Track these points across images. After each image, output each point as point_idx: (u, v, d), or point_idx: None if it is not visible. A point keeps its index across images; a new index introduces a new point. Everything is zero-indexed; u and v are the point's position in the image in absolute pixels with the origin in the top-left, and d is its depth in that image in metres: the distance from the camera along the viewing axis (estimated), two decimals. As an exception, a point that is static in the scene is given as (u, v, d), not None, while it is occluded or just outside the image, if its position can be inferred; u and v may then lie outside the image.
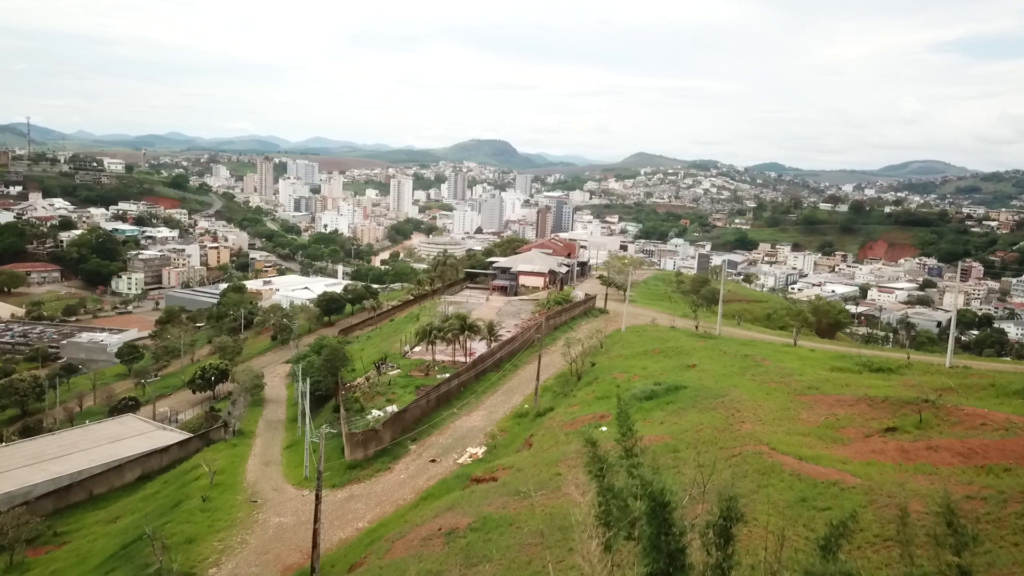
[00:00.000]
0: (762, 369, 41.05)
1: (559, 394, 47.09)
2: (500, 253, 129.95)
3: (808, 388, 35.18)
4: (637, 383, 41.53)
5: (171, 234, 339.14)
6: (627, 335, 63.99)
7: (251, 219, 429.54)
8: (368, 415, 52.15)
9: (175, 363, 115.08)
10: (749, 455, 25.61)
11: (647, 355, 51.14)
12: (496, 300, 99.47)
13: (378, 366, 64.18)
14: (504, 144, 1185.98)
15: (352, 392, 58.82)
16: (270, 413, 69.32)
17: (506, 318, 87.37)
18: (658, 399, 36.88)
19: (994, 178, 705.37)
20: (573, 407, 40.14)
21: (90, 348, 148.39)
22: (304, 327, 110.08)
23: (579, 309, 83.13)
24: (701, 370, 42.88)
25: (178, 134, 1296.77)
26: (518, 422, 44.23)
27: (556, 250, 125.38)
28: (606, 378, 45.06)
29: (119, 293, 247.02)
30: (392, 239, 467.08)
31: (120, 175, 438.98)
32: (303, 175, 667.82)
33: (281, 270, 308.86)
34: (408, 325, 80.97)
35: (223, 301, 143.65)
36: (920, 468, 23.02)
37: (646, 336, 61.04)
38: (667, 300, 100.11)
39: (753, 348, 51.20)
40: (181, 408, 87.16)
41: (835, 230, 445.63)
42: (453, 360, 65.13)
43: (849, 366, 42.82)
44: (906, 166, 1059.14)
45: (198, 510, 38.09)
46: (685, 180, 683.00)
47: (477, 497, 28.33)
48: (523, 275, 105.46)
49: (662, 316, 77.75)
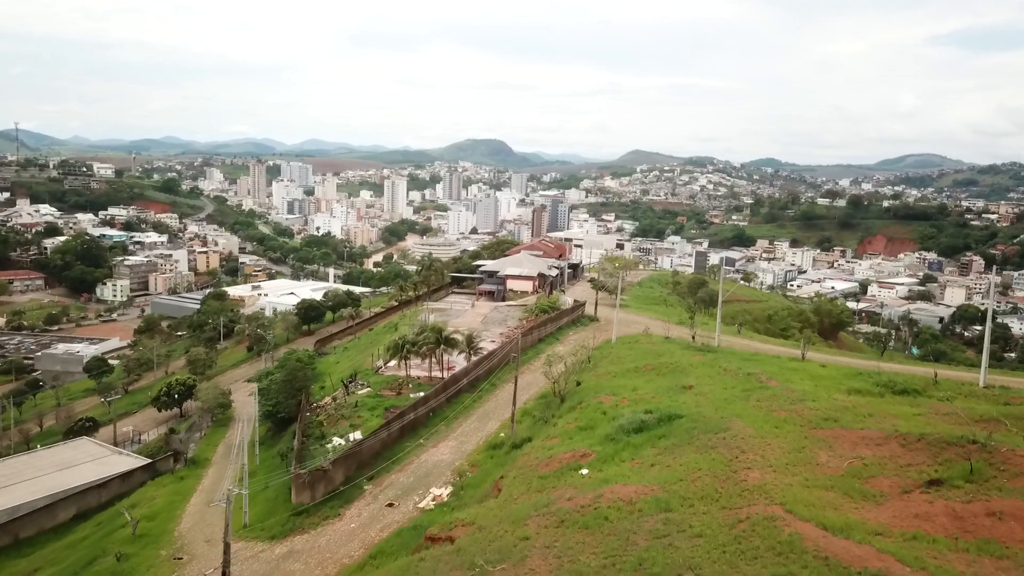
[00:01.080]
0: (768, 392, 35.52)
1: (539, 420, 41.61)
2: (488, 256, 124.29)
3: (824, 419, 29.66)
4: (626, 409, 36.11)
5: (160, 239, 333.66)
6: (617, 348, 58.52)
7: (243, 223, 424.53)
8: (329, 443, 46.76)
9: (148, 376, 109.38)
10: (759, 522, 20.21)
11: (638, 373, 45.69)
12: (482, 306, 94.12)
13: (346, 384, 58.76)
14: (500, 144, 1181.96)
15: (316, 415, 53.39)
16: (234, 435, 63.89)
17: (491, 326, 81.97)
18: (649, 431, 31.46)
19: (991, 171, 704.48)
20: (552, 440, 34.66)
21: (65, 360, 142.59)
22: (282, 337, 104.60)
23: (567, 318, 77.64)
24: (699, 393, 37.41)
25: (174, 138, 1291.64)
26: (491, 455, 38.84)
27: (546, 251, 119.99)
28: (591, 402, 39.62)
29: (104, 300, 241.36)
30: (386, 241, 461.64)
31: (110, 180, 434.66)
32: (297, 177, 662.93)
33: (271, 274, 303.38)
34: (386, 336, 75.55)
35: (203, 309, 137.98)
36: (985, 547, 17.69)
37: (638, 349, 55.55)
38: (663, 304, 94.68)
39: (757, 363, 45.65)
40: (146, 427, 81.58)
41: (834, 225, 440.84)
42: (430, 376, 59.71)
43: (868, 387, 37.30)
44: (903, 160, 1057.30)
45: (108, 573, 32.58)
46: (681, 177, 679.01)
47: (425, 570, 22.90)
48: (511, 279, 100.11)
49: (656, 323, 72.32)
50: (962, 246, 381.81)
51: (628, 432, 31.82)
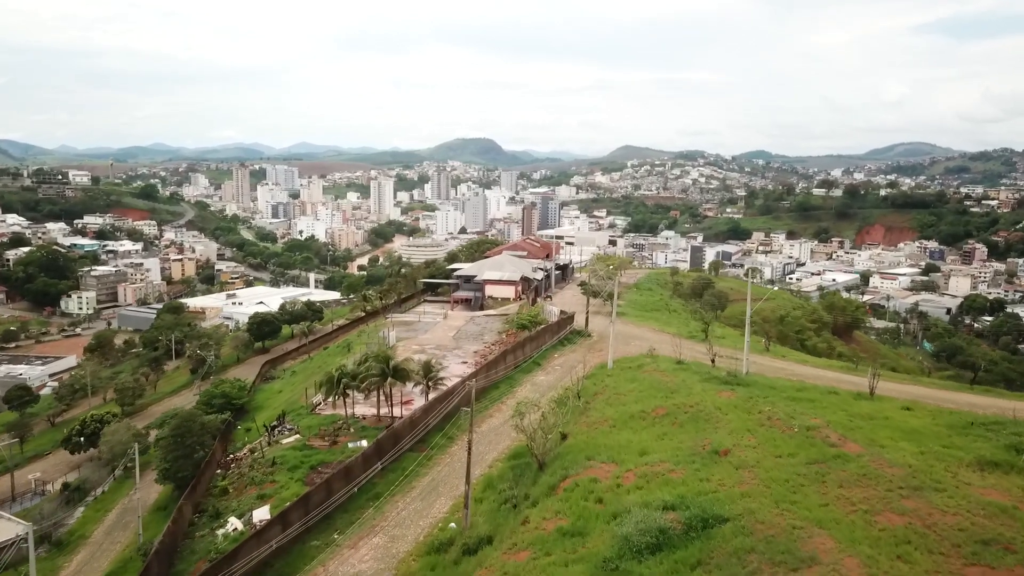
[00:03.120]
0: (854, 468, 22.88)
1: (506, 501, 28.96)
2: (466, 258, 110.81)
3: (980, 541, 17.26)
4: (632, 495, 23.73)
5: (134, 247, 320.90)
6: (616, 376, 45.75)
7: (224, 228, 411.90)
8: (225, 524, 34.18)
9: (84, 404, 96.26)
10: None
11: (646, 421, 33.16)
12: (457, 316, 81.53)
13: (270, 429, 46.15)
14: (490, 142, 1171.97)
15: (222, 476, 40.77)
16: (141, 491, 51.05)
17: (465, 342, 69.32)
18: (673, 553, 19.12)
19: (983, 157, 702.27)
20: (519, 555, 22.16)
21: (5, 384, 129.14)
22: (231, 356, 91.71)
23: (551, 336, 63.13)
24: (740, 464, 24.94)
25: (162, 145, 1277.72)
26: (433, 565, 26.42)
27: (531, 252, 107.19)
28: (581, 475, 27.16)
29: (69, 314, 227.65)
30: (372, 243, 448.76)
31: (86, 188, 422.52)
32: (282, 181, 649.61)
33: (249, 281, 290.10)
34: (338, 358, 62.76)
35: (157, 324, 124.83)
36: None
37: (643, 380, 42.52)
38: (664, 310, 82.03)
39: (810, 406, 32.81)
40: (57, 473, 68.71)
41: (830, 216, 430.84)
42: (377, 415, 47.07)
43: (1001, 452, 24.65)
44: (892, 149, 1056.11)
45: None
46: (673, 171, 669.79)
47: None
48: (490, 284, 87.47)
49: (662, 338, 59.37)
50: (963, 234, 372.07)
51: (639, 552, 19.38)
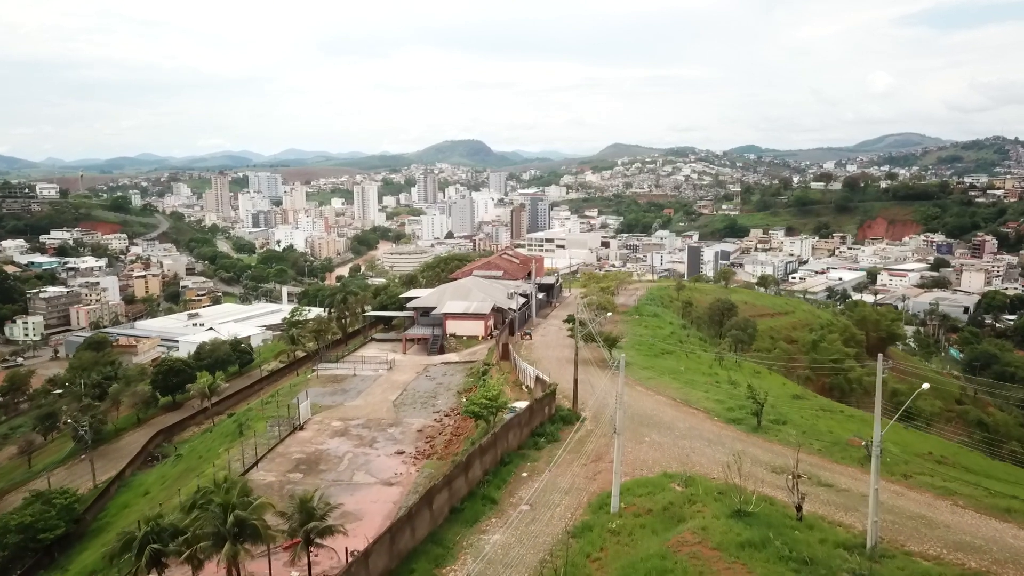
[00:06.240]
0: None
1: None
2: (425, 282, 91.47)
3: None
4: None
5: (98, 264, 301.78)
6: (623, 533, 26.55)
7: (200, 239, 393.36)
8: None
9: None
10: None
11: None
12: (406, 366, 63.49)
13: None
14: (479, 144, 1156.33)
15: None
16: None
17: (409, 412, 51.22)
18: None
19: (974, 146, 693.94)
20: None
21: None
22: (130, 418, 73.13)
23: (520, 431, 39.46)
24: None
25: (150, 155, 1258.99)
26: None
27: (508, 270, 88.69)
28: None
29: (14, 341, 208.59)
30: (355, 251, 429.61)
31: (54, 201, 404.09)
32: (265, 188, 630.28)
33: (217, 298, 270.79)
34: (218, 444, 44.46)
35: (73, 364, 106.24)
36: None
37: (673, 559, 22.64)
38: (679, 351, 63.67)
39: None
40: None
41: (830, 210, 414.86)
42: None
43: None
44: (882, 140, 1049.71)
45: None
46: (664, 168, 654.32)
47: None
48: (453, 319, 69.41)
49: (689, 420, 39.50)
50: (970, 225, 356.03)
51: None
